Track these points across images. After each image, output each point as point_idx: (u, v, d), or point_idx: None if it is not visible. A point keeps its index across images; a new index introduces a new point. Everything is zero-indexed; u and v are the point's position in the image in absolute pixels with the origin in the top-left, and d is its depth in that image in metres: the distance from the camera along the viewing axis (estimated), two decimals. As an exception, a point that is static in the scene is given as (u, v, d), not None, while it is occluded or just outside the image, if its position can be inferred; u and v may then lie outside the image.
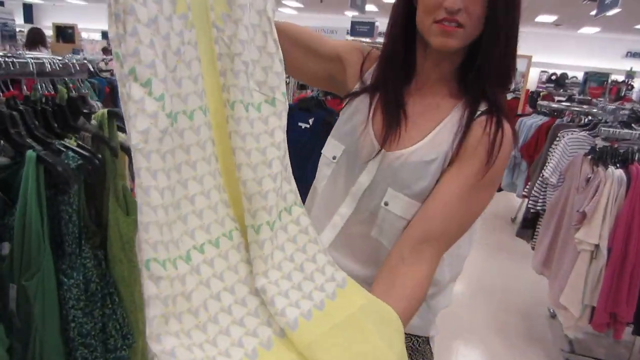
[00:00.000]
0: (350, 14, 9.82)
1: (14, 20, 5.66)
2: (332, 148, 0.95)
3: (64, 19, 9.60)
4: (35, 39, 5.56)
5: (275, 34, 0.74)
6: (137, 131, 0.56)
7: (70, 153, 1.10)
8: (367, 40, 6.86)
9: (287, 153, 0.75)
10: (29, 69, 1.20)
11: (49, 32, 7.76)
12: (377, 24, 7.61)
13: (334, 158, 0.93)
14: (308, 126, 2.86)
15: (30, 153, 1.01)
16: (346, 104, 0.97)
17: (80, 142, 1.19)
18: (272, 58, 0.74)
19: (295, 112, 2.81)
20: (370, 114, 0.91)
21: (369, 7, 9.85)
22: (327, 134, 0.97)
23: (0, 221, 1.06)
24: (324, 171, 0.95)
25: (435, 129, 0.86)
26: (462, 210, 0.82)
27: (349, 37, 7.40)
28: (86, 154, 1.13)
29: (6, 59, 1.12)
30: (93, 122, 1.28)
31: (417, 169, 0.83)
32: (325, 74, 0.99)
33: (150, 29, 0.58)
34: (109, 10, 0.57)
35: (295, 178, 0.76)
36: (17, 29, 6.13)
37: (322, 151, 0.97)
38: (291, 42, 0.94)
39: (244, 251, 0.70)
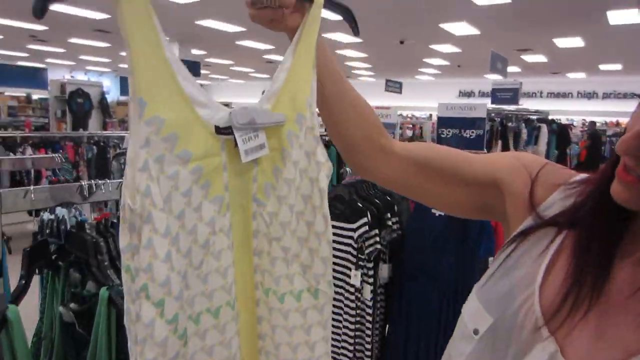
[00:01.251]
0: (491, 77, 9.38)
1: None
2: (474, 314, 0.62)
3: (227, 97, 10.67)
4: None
5: (326, 209, 0.66)
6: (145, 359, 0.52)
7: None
8: (511, 108, 6.33)
9: (327, 356, 0.68)
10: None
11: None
12: (519, 87, 7.06)
13: (475, 332, 0.61)
14: (442, 213, 2.54)
15: (103, 292, 0.91)
16: (506, 246, 0.64)
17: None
18: (320, 240, 0.67)
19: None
20: (544, 267, 0.57)
21: (511, 69, 9.30)
22: (466, 222, 0.68)
23: (77, 356, 0.97)
24: (461, 347, 0.63)
25: None
26: None
27: (489, 105, 6.95)
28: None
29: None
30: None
31: None
32: (476, 203, 0.73)
33: (166, 239, 0.53)
34: (122, 219, 0.53)
35: (428, 276, 0.58)
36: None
37: (462, 310, 0.65)
38: (426, 171, 0.73)
39: None
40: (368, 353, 2.47)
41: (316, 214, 0.67)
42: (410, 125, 8.48)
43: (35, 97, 12.82)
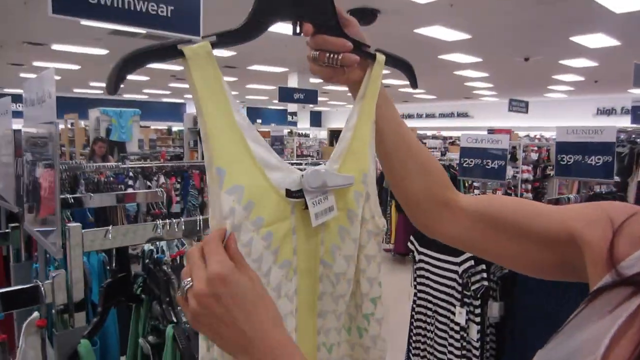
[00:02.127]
0: (636, 91, 8.32)
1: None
2: None
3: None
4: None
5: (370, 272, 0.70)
6: None
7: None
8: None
9: None
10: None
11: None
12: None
13: None
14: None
15: (169, 329, 0.93)
16: (584, 306, 0.53)
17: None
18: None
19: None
20: (611, 334, 0.46)
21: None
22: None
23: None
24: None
25: None
26: None
27: (630, 125, 6.11)
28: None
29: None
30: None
31: None
32: (554, 262, 0.63)
33: None
34: None
35: (546, 318, 0.53)
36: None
37: None
38: (495, 228, 0.66)
39: None
40: (475, 399, 2.25)
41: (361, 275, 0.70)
42: (535, 148, 7.78)
43: (175, 129, 14.36)
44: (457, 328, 2.30)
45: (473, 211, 0.69)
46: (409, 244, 2.58)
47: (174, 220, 1.08)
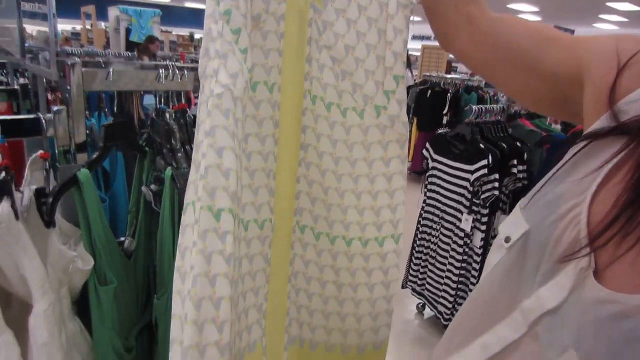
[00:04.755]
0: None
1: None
2: (511, 222, 0.54)
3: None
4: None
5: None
6: (228, 74, 0.54)
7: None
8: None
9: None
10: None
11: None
12: None
13: (507, 240, 0.53)
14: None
15: (168, 171, 0.94)
16: (575, 152, 0.51)
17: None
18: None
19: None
20: (600, 179, 0.45)
21: None
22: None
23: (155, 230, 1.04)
24: (491, 258, 0.56)
25: None
26: None
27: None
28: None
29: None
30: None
31: None
32: (555, 96, 0.59)
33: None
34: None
35: None
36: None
37: (500, 226, 0.56)
38: (505, 54, 0.62)
39: (267, 247, 0.68)
40: (470, 302, 2.31)
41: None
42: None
43: (197, 36, 14.02)
44: (461, 234, 2.32)
45: (491, 33, 0.65)
46: (424, 151, 2.55)
47: (185, 72, 1.06)
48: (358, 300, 0.74)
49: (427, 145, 2.53)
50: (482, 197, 2.26)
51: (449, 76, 5.51)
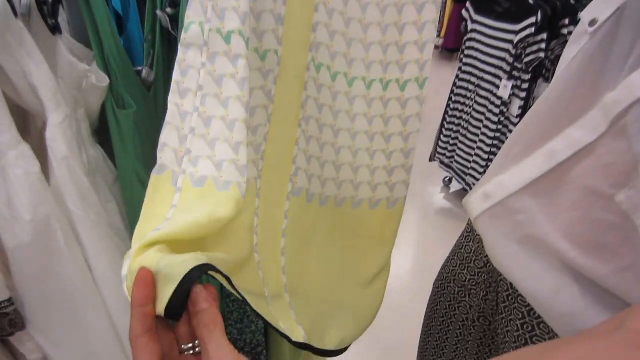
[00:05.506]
0: None
1: None
2: (596, 4, 0.46)
3: None
4: None
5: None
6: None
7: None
8: None
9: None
10: None
11: None
12: None
13: (592, 23, 0.45)
14: None
15: None
16: None
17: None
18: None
19: None
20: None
21: None
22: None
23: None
24: (567, 51, 0.48)
25: None
26: None
27: None
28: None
29: None
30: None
31: None
32: None
33: None
34: None
35: None
36: None
37: (582, 14, 0.48)
38: None
39: (270, 82, 0.61)
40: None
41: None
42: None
43: None
44: (498, 102, 2.18)
45: None
46: (463, 11, 2.32)
47: None
48: (373, 151, 0.67)
49: (467, 4, 2.29)
50: (525, 60, 2.08)
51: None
